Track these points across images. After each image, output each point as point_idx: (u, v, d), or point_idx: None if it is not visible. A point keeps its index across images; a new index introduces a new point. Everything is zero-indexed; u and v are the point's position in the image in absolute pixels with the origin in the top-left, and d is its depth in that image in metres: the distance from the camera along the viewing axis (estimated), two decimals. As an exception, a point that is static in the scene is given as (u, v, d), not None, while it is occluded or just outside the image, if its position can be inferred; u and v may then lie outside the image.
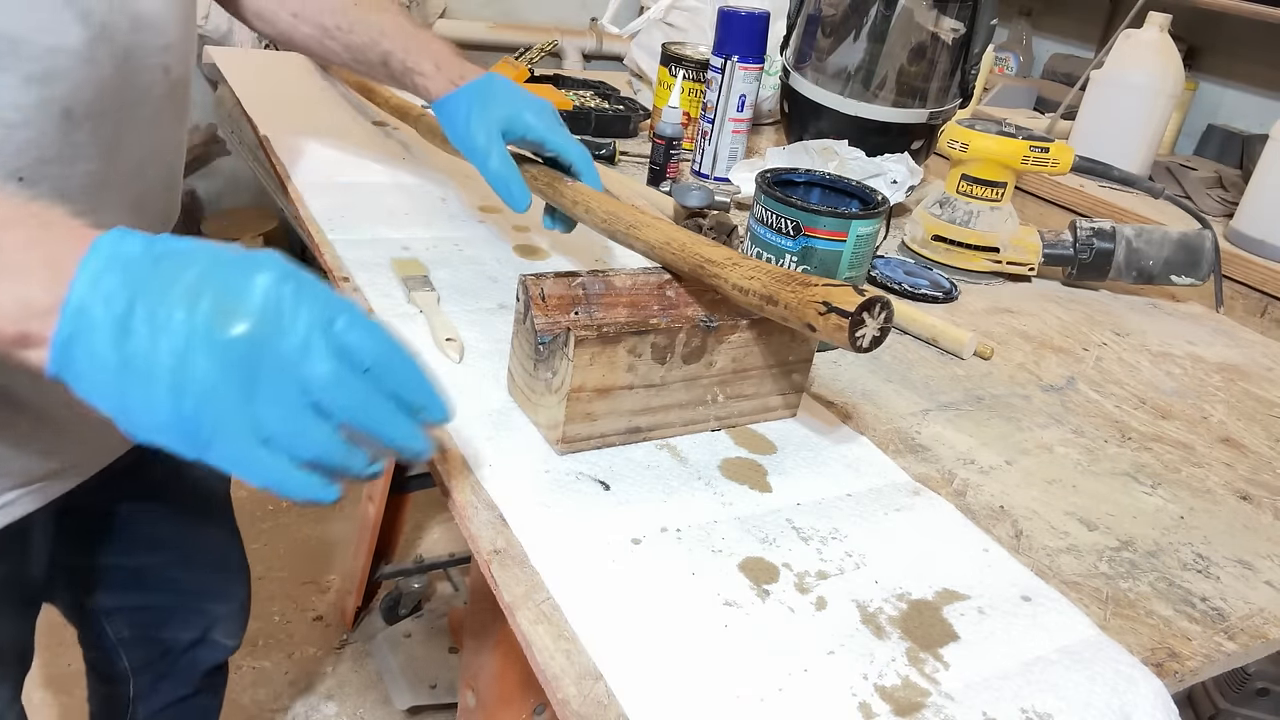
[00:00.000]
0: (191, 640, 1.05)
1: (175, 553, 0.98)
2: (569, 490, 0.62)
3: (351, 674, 1.69)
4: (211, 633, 1.06)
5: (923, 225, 1.14)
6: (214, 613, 1.05)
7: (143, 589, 0.98)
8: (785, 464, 0.68)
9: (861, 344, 0.57)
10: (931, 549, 0.62)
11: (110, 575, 0.96)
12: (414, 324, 0.79)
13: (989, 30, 1.25)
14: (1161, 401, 0.89)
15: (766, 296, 0.60)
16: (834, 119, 1.30)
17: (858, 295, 0.56)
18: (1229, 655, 0.58)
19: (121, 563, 0.95)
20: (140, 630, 1.02)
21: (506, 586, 0.53)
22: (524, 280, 0.66)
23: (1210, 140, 2.13)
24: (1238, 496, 0.75)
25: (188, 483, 0.95)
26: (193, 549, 0.99)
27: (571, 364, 0.62)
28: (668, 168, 1.22)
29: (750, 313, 0.66)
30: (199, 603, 1.03)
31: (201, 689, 1.10)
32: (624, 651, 0.50)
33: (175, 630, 1.04)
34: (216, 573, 1.03)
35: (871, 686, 0.50)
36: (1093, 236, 1.10)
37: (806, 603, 0.55)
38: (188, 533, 0.98)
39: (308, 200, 1.00)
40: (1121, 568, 0.64)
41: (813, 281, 0.59)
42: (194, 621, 1.04)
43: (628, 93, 1.60)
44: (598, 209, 0.79)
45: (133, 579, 0.97)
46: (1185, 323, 1.10)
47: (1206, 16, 2.07)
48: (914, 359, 0.90)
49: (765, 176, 0.85)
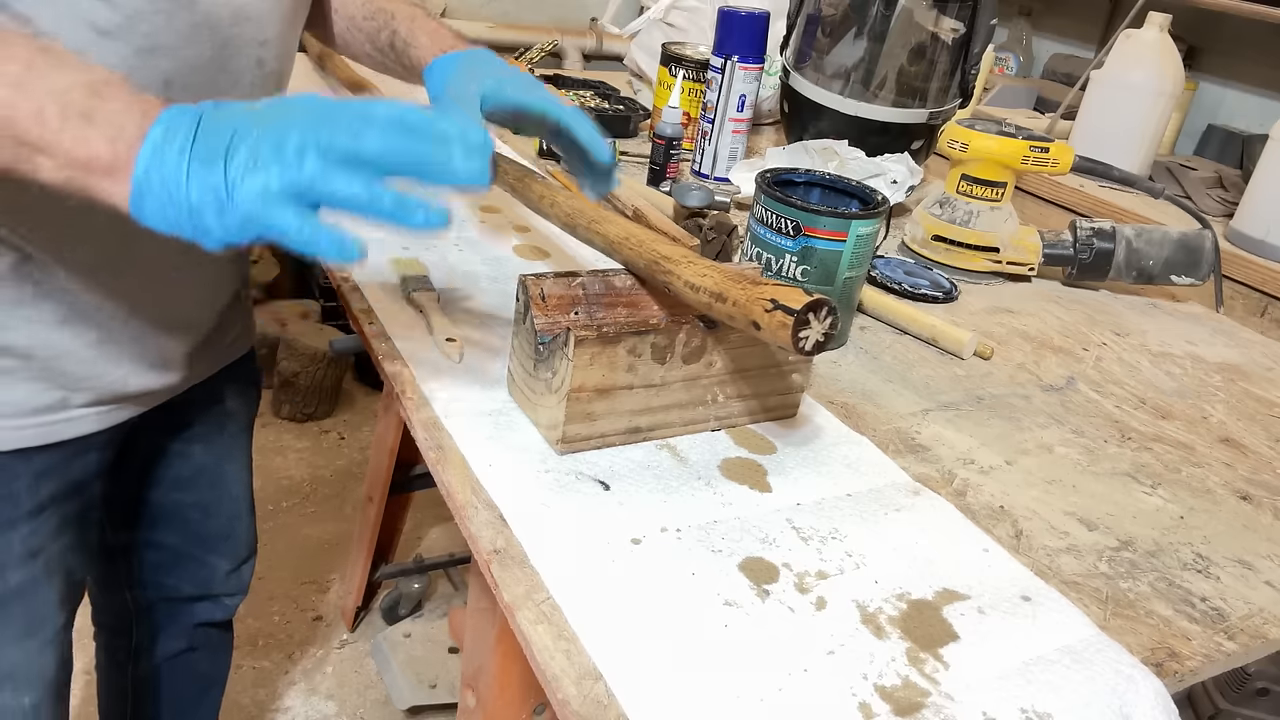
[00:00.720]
0: (191, 595, 1.10)
1: (200, 495, 1.04)
2: (569, 490, 0.62)
3: (351, 674, 1.69)
4: (212, 586, 1.10)
5: (923, 225, 1.14)
6: (216, 567, 1.09)
7: (165, 526, 1.04)
8: (785, 464, 0.68)
9: (804, 346, 0.56)
10: (931, 549, 0.62)
11: (140, 510, 1.02)
12: (414, 324, 0.79)
13: (989, 30, 1.25)
14: (1161, 401, 0.89)
15: (716, 294, 0.59)
16: (834, 119, 1.30)
17: (805, 295, 0.56)
18: (1229, 655, 0.58)
19: (153, 497, 1.01)
20: (148, 573, 1.07)
21: (506, 586, 0.53)
22: (524, 280, 0.66)
23: (1210, 140, 2.12)
24: (1238, 496, 0.75)
25: (224, 434, 1.02)
26: (213, 496, 1.05)
27: (571, 364, 0.61)
28: (668, 168, 1.22)
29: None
30: (205, 553, 1.08)
31: (199, 646, 1.15)
32: (624, 651, 0.50)
33: (178, 579, 1.08)
34: (227, 523, 1.08)
35: (871, 686, 0.50)
36: (1093, 236, 1.10)
37: (806, 603, 0.55)
38: (212, 480, 1.04)
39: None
40: (1121, 568, 0.64)
41: (763, 281, 0.58)
42: (197, 575, 1.09)
43: (628, 93, 1.60)
44: (563, 204, 0.78)
45: (158, 515, 1.03)
46: (1185, 323, 1.10)
47: (1206, 16, 2.07)
48: (914, 359, 0.90)
49: (765, 176, 0.85)
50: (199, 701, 1.21)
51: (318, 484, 2.12)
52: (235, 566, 1.11)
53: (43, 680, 0.84)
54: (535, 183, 0.84)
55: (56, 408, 0.75)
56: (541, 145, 1.28)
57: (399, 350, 0.75)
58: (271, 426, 2.26)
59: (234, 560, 1.11)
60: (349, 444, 2.27)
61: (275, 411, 2.29)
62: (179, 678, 1.16)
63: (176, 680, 1.16)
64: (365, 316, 0.80)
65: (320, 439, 2.28)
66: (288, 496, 2.07)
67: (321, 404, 2.31)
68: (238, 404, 1.02)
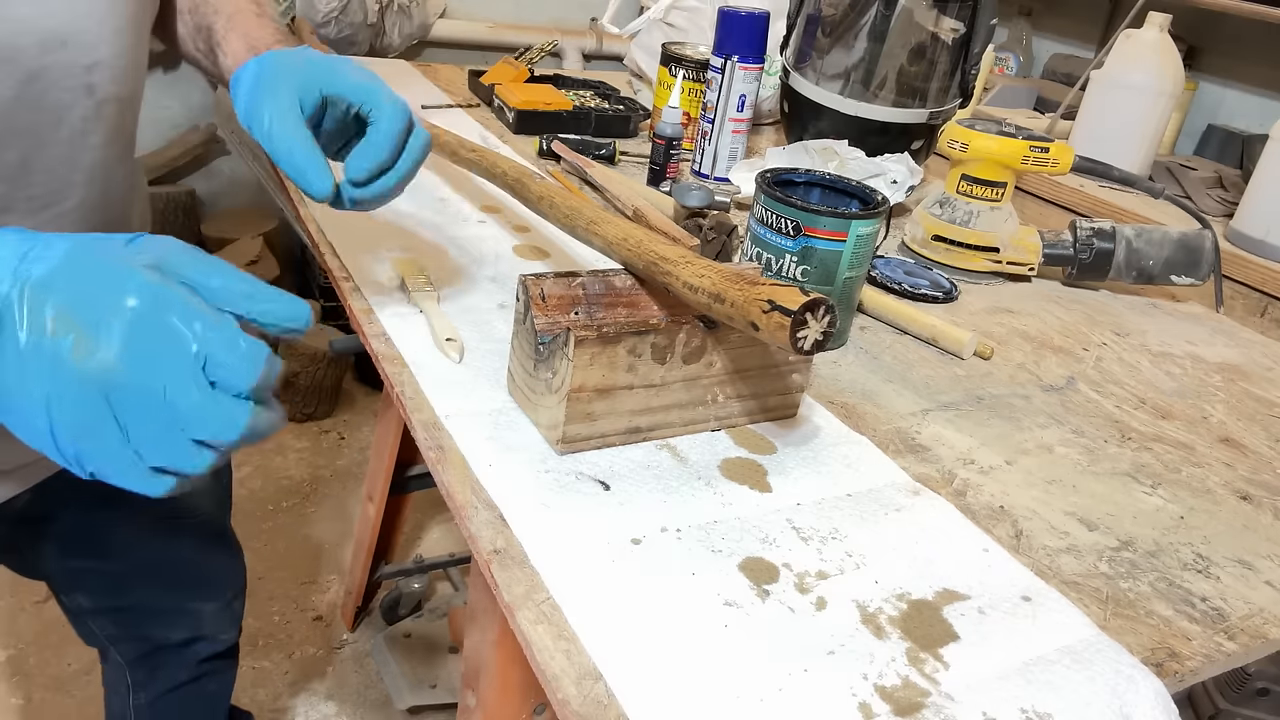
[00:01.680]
0: (183, 639, 1.04)
1: (146, 557, 0.95)
2: (569, 490, 0.62)
3: (351, 674, 1.69)
4: (201, 629, 1.04)
5: (923, 225, 1.14)
6: (200, 611, 1.03)
7: (120, 592, 0.96)
8: (785, 464, 0.68)
9: (803, 345, 0.56)
10: (931, 549, 0.62)
11: (85, 579, 0.94)
12: (414, 324, 0.79)
13: (989, 30, 1.25)
14: (1161, 401, 0.89)
15: (715, 294, 0.59)
16: (834, 119, 1.30)
17: (803, 295, 0.56)
18: (1229, 655, 0.58)
19: (94, 567, 0.93)
20: (126, 629, 1.00)
21: (506, 586, 0.53)
22: (524, 280, 0.66)
23: (1210, 140, 2.12)
24: (1238, 496, 0.75)
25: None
26: (164, 554, 0.96)
27: (571, 364, 0.61)
28: (668, 168, 1.22)
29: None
30: (181, 603, 1.01)
31: (204, 674, 1.09)
32: (624, 651, 0.50)
33: (163, 630, 1.02)
34: (196, 573, 1.01)
35: (871, 686, 0.50)
36: (1093, 236, 1.10)
37: (806, 603, 0.55)
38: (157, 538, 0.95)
39: (308, 200, 1.00)
40: (1121, 568, 0.64)
41: (760, 281, 0.58)
42: (181, 622, 1.02)
43: (628, 93, 1.60)
44: (561, 204, 0.78)
45: (111, 582, 0.95)
46: (1185, 323, 1.10)
47: (1206, 16, 2.07)
48: (914, 359, 0.90)
49: (765, 176, 0.85)
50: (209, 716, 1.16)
51: (318, 484, 2.12)
52: (224, 605, 1.04)
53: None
54: (535, 183, 0.84)
55: None
56: (541, 145, 1.28)
57: (399, 350, 0.75)
58: (271, 426, 2.26)
59: (220, 600, 1.03)
60: (349, 444, 2.27)
61: (275, 411, 2.28)
62: (188, 703, 1.10)
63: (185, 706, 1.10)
64: (365, 316, 0.80)
65: (320, 439, 2.28)
66: (288, 496, 2.07)
67: (321, 404, 2.31)
68: None
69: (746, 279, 0.59)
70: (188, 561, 0.99)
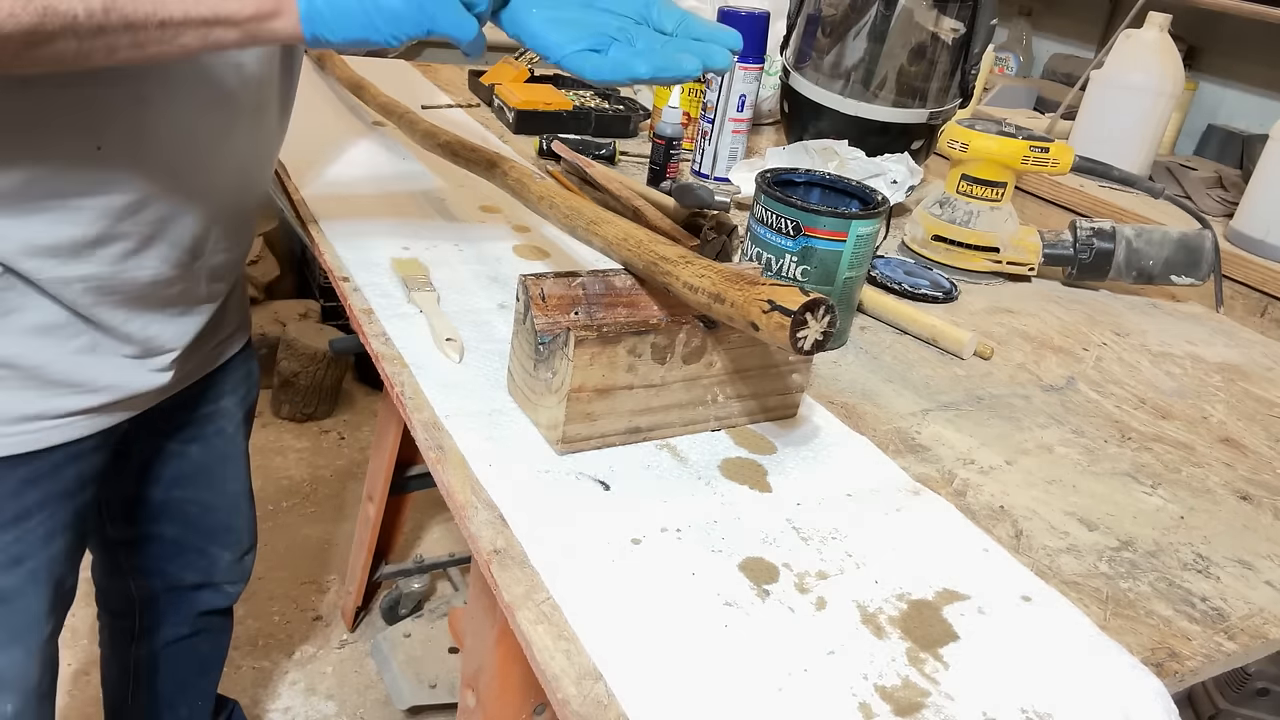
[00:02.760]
0: (194, 582, 1.11)
1: (198, 492, 1.04)
2: (569, 490, 0.62)
3: (351, 674, 1.69)
4: (214, 575, 1.12)
5: (923, 225, 1.14)
6: (218, 557, 1.11)
7: (165, 520, 1.05)
8: (785, 464, 0.68)
9: (803, 345, 0.56)
10: (931, 549, 0.62)
11: (138, 507, 1.03)
12: (414, 324, 0.79)
13: (989, 30, 1.25)
14: (1161, 401, 0.89)
15: (715, 294, 0.59)
16: (834, 119, 1.30)
17: (802, 295, 0.56)
18: (1229, 655, 0.58)
19: (151, 495, 1.02)
20: (151, 562, 1.08)
21: (506, 586, 0.53)
22: (524, 280, 0.66)
23: (1210, 140, 2.12)
24: (1238, 496, 0.75)
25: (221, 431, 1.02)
26: (212, 493, 1.06)
27: (571, 364, 0.61)
28: (668, 168, 1.22)
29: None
30: (206, 544, 1.09)
31: (201, 630, 1.16)
32: (624, 651, 0.50)
33: (179, 569, 1.10)
34: (226, 517, 1.09)
35: (871, 686, 0.50)
36: (1093, 236, 1.10)
37: (806, 603, 0.55)
38: (210, 477, 1.05)
39: (308, 200, 1.00)
40: (1121, 568, 0.64)
41: (760, 280, 0.58)
42: (198, 564, 1.10)
43: (628, 93, 1.60)
44: (561, 204, 0.78)
45: (158, 511, 1.04)
46: (1185, 323, 1.10)
47: (1206, 16, 2.07)
48: (914, 359, 0.90)
49: (765, 176, 0.86)
50: (200, 680, 1.23)
51: (318, 484, 2.12)
52: (238, 557, 1.12)
53: (25, 688, 0.84)
54: (535, 183, 0.84)
55: (42, 415, 0.74)
56: (541, 145, 1.28)
57: (399, 350, 0.75)
58: (271, 426, 2.26)
59: (236, 551, 1.12)
60: (349, 444, 2.27)
61: (275, 411, 2.29)
62: (181, 660, 1.18)
63: (179, 662, 1.18)
64: (365, 316, 0.80)
65: (320, 439, 2.27)
66: (288, 496, 2.07)
67: (321, 404, 2.31)
68: (234, 400, 1.02)
69: (746, 279, 0.59)
70: (219, 507, 1.08)
